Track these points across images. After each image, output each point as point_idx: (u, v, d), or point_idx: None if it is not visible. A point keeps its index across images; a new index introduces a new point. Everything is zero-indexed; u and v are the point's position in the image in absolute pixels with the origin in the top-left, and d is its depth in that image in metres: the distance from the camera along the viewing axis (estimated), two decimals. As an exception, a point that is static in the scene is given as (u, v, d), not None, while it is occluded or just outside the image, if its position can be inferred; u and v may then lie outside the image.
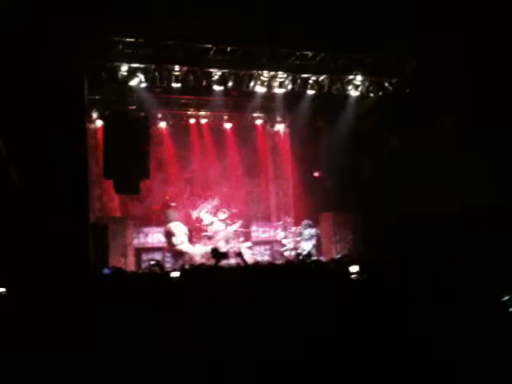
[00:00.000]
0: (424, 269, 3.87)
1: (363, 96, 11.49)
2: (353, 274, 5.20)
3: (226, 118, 12.02)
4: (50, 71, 8.58)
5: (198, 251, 10.92)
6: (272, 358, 2.55)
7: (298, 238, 11.87)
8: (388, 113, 11.39)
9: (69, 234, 8.23)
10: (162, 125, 11.63)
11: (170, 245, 11.12)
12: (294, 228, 11.98)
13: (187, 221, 11.64)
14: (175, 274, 5.04)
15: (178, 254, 11.01)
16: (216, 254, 5.95)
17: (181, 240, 11.04)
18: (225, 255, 6.44)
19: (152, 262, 9.68)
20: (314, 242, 11.76)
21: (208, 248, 10.41)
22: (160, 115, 11.28)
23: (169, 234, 11.12)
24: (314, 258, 10.41)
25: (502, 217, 8.66)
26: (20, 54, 8.44)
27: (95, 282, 5.06)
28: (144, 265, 10.70)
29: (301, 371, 2.49)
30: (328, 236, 11.93)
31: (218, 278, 4.64)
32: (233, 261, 8.33)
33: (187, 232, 11.27)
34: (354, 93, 11.32)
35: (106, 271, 5.34)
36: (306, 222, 11.97)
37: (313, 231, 11.83)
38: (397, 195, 10.56)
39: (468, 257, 4.81)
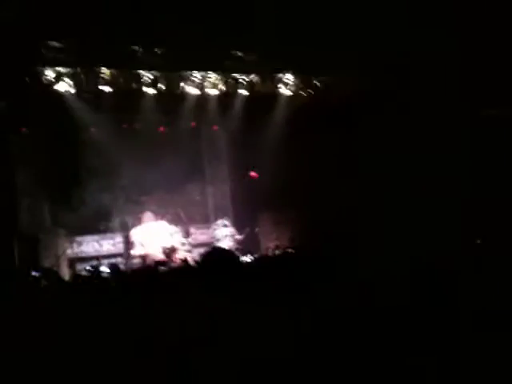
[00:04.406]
0: None
1: (294, 95, 11.66)
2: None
3: (158, 121, 11.85)
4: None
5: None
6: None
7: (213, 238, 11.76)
8: (319, 111, 11.62)
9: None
10: (94, 131, 11.32)
11: None
12: (232, 227, 11.88)
13: (123, 228, 11.42)
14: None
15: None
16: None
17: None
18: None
19: (88, 268, 9.45)
20: (229, 242, 11.47)
21: None
22: (90, 121, 10.97)
23: None
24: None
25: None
26: None
27: (22, 285, 4.90)
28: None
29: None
30: (266, 234, 12.04)
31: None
32: None
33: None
34: (285, 91, 11.47)
35: (34, 273, 5.16)
36: (219, 221, 11.86)
37: (227, 231, 11.66)
38: (335, 192, 10.78)
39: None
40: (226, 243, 11.46)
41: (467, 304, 2.75)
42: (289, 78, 11.50)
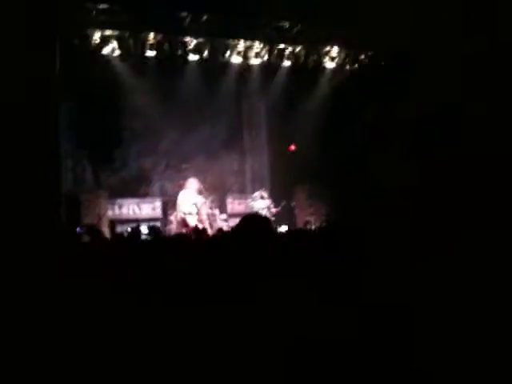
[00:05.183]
0: None
1: (339, 68, 11.50)
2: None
3: (201, 89, 11.84)
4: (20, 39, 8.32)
5: None
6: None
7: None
8: (363, 86, 11.44)
9: (40, 204, 8.11)
10: (136, 95, 11.40)
11: None
12: (268, 199, 11.84)
13: (163, 193, 11.63)
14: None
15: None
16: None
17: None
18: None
19: (128, 229, 9.62)
20: (266, 213, 11.13)
21: None
22: (134, 85, 11.04)
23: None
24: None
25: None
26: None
27: (68, 240, 5.04)
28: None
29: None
30: (303, 208, 12.03)
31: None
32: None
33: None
34: (329, 65, 11.31)
35: (78, 230, 5.31)
36: (256, 193, 11.66)
37: (264, 203, 11.47)
38: (373, 168, 10.67)
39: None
40: (264, 214, 11.41)
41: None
42: (334, 51, 11.32)
